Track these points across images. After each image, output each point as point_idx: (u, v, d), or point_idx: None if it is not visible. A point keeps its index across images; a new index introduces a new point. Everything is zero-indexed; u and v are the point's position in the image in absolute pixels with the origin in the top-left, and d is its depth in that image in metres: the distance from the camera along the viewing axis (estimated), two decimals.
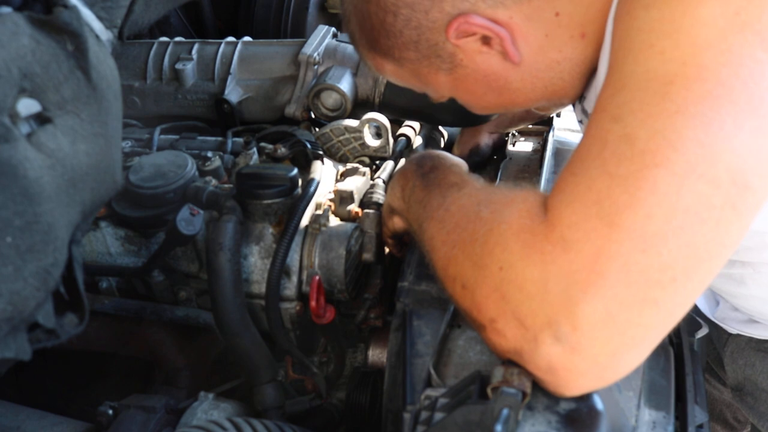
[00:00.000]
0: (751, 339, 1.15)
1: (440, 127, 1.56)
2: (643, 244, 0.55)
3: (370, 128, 1.30)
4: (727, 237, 0.57)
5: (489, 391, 0.62)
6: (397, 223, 1.01)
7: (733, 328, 1.17)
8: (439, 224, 0.73)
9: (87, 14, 0.81)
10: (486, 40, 0.80)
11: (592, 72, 0.81)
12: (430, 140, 1.51)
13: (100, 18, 0.86)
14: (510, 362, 0.65)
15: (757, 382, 1.16)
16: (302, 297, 1.10)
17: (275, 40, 1.51)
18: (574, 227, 0.58)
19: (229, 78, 1.43)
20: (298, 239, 1.09)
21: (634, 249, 0.55)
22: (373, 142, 1.31)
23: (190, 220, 1.01)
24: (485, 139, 1.42)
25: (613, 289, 0.55)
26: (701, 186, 0.55)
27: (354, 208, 1.15)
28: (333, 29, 1.49)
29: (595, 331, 0.56)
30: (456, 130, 1.57)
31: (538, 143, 1.43)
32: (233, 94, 1.43)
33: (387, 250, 1.17)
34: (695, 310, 1.29)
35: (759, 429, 1.24)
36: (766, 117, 0.56)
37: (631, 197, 0.56)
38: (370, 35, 0.87)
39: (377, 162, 1.32)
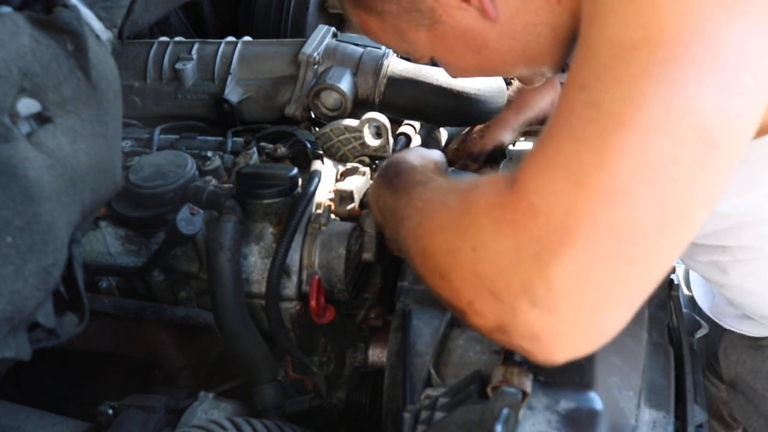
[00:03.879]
0: (743, 336, 1.15)
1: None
2: (612, 200, 0.55)
3: (370, 128, 1.30)
4: (698, 194, 0.57)
5: (489, 390, 0.62)
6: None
7: (726, 324, 1.17)
8: (408, 222, 0.73)
9: (87, 14, 0.81)
10: None
11: (574, 42, 0.82)
12: (430, 139, 1.51)
13: (100, 18, 0.86)
14: (510, 362, 0.65)
15: (747, 380, 1.17)
16: (302, 297, 1.10)
17: (275, 40, 1.51)
18: (542, 191, 0.58)
19: (229, 78, 1.43)
20: (298, 239, 1.09)
21: (603, 205, 0.55)
22: (373, 141, 1.31)
23: (190, 220, 1.01)
24: (509, 135, 1.43)
25: (584, 246, 0.56)
26: (667, 144, 0.55)
27: (354, 207, 1.15)
28: (333, 29, 1.49)
29: (570, 290, 0.56)
30: (456, 129, 1.57)
31: None
32: (233, 94, 1.43)
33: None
34: (695, 309, 1.29)
35: (746, 428, 1.24)
36: (729, 76, 0.57)
37: (598, 157, 0.56)
38: None
39: (377, 162, 1.32)
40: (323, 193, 1.17)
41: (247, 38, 1.51)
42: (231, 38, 1.53)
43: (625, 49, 0.58)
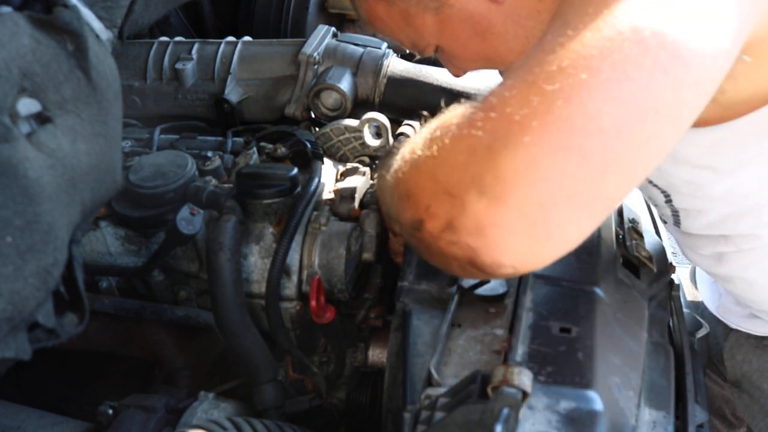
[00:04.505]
0: (750, 335, 1.15)
1: None
2: (567, 93, 0.55)
3: (370, 128, 1.30)
4: (659, 102, 0.57)
5: (489, 390, 0.62)
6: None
7: (732, 323, 1.17)
8: (387, 176, 0.72)
9: (87, 14, 0.81)
10: None
11: None
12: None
13: (100, 18, 0.86)
14: (510, 362, 0.65)
15: (753, 380, 1.17)
16: (302, 297, 1.10)
17: (275, 40, 1.51)
18: (501, 94, 0.58)
19: (229, 78, 1.43)
20: (298, 239, 1.09)
21: (557, 98, 0.55)
22: (373, 141, 1.31)
23: (190, 220, 1.01)
24: None
25: (536, 135, 0.55)
26: (628, 46, 0.56)
27: (354, 207, 1.15)
28: (333, 29, 1.49)
29: (517, 178, 0.56)
30: None
31: None
32: (233, 93, 1.43)
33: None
34: (696, 309, 1.30)
35: (751, 428, 1.24)
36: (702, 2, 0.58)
37: (558, 59, 0.57)
38: None
39: (377, 162, 1.32)
40: (323, 193, 1.17)
41: (247, 38, 1.51)
42: (231, 38, 1.53)
43: None
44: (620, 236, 1.04)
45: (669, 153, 0.62)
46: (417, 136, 0.66)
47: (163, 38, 1.55)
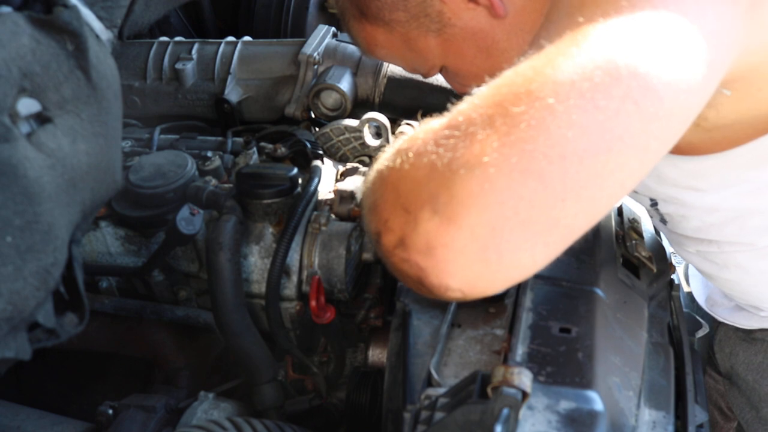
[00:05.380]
0: (737, 329, 1.16)
1: None
2: (531, 118, 0.54)
3: (369, 128, 1.30)
4: (627, 133, 0.55)
5: (489, 390, 0.62)
6: None
7: (719, 316, 1.18)
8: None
9: (87, 14, 0.81)
10: None
11: None
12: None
13: (100, 18, 0.86)
14: (510, 362, 0.65)
15: (739, 372, 1.18)
16: (302, 297, 1.10)
17: (275, 40, 1.51)
18: (470, 112, 0.57)
19: (229, 78, 1.43)
20: (298, 239, 1.09)
21: (521, 120, 0.54)
22: (373, 141, 1.31)
23: (190, 220, 1.01)
24: None
25: (494, 156, 0.53)
26: (600, 75, 0.55)
27: (354, 207, 1.15)
28: (333, 29, 1.49)
29: (472, 198, 0.54)
30: None
31: None
32: (233, 93, 1.43)
33: None
34: (696, 309, 1.30)
35: (740, 422, 1.25)
36: (678, 30, 0.58)
37: (527, 79, 0.56)
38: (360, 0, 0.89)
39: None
40: (323, 193, 1.17)
41: (247, 38, 1.51)
42: (231, 38, 1.53)
43: (576, 7, 0.60)
44: (620, 236, 1.04)
45: (652, 173, 0.61)
46: (389, 148, 0.65)
47: (163, 38, 1.55)
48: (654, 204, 0.98)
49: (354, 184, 1.17)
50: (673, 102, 0.57)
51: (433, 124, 0.60)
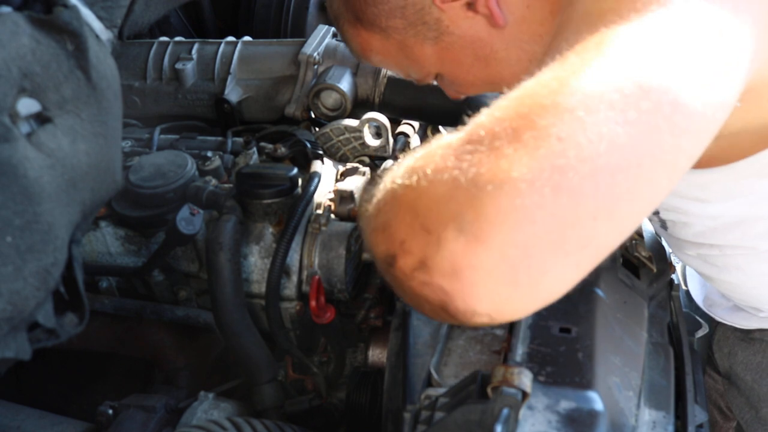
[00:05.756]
0: (735, 329, 1.16)
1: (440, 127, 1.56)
2: (561, 131, 0.51)
3: (369, 128, 1.30)
4: (658, 149, 0.54)
5: (489, 390, 0.62)
6: None
7: (718, 317, 1.18)
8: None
9: (87, 14, 0.81)
10: (471, 6, 0.81)
11: None
12: (428, 138, 1.51)
13: (100, 18, 0.86)
14: (510, 362, 0.65)
15: (738, 372, 1.18)
16: (302, 297, 1.10)
17: (275, 40, 1.51)
18: (494, 126, 0.54)
19: (229, 78, 1.43)
20: (298, 239, 1.09)
21: (550, 134, 0.51)
22: (373, 141, 1.31)
23: (190, 220, 1.01)
24: None
25: (524, 171, 0.51)
26: (630, 87, 0.53)
27: (354, 207, 1.15)
28: (333, 29, 1.49)
29: (501, 216, 0.50)
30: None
31: None
32: (233, 93, 1.43)
33: None
34: (695, 309, 1.30)
35: (739, 422, 1.25)
36: (698, 36, 0.56)
37: (553, 92, 0.54)
38: (356, 5, 0.88)
39: (377, 162, 1.32)
40: (323, 193, 1.17)
41: (247, 38, 1.51)
42: (231, 38, 1.53)
43: (595, 16, 0.58)
44: None
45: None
46: (399, 164, 0.61)
47: (163, 38, 1.55)
48: (655, 212, 0.98)
49: (354, 184, 1.17)
50: (702, 116, 0.56)
51: (450, 139, 0.57)
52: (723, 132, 0.76)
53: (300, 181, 1.12)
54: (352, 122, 1.30)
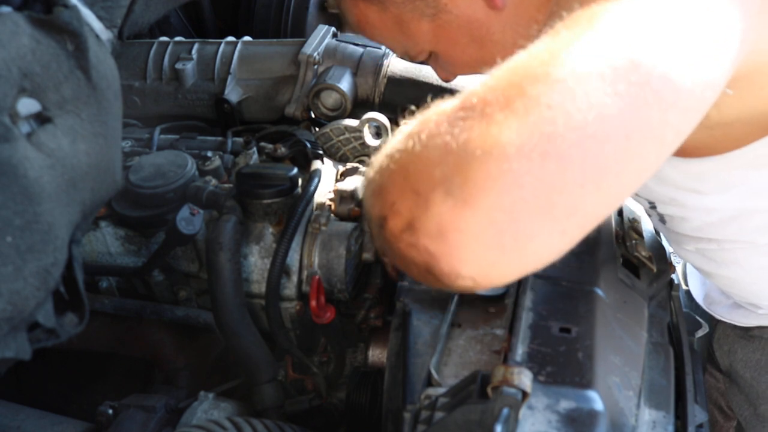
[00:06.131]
0: (735, 326, 1.16)
1: None
2: (551, 100, 0.52)
3: (369, 128, 1.30)
4: (646, 122, 0.54)
5: (489, 390, 0.62)
6: None
7: (717, 314, 1.18)
8: (369, 172, 0.66)
9: (87, 14, 0.81)
10: None
11: None
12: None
13: (100, 18, 0.86)
14: (510, 362, 0.65)
15: (738, 370, 1.18)
16: (302, 297, 1.10)
17: (275, 40, 1.51)
18: (486, 94, 0.55)
19: (229, 78, 1.43)
20: (298, 239, 1.09)
21: (541, 102, 0.52)
22: (373, 141, 1.31)
23: (190, 220, 1.01)
24: None
25: (513, 137, 0.51)
26: (621, 62, 0.54)
27: (354, 207, 1.15)
28: (333, 29, 1.49)
29: (489, 180, 0.51)
30: None
31: None
32: (233, 93, 1.43)
33: None
34: (695, 308, 1.30)
35: (739, 420, 1.25)
36: (691, 15, 0.57)
37: (545, 63, 0.54)
38: None
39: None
40: (323, 193, 1.17)
41: (247, 38, 1.51)
42: (231, 38, 1.53)
43: None
44: (620, 236, 1.04)
45: (653, 174, 0.60)
46: (398, 132, 0.62)
47: (163, 38, 1.55)
48: (653, 206, 0.98)
49: (354, 184, 1.17)
50: (690, 93, 0.56)
51: (445, 106, 0.58)
52: (717, 121, 0.77)
53: (300, 181, 1.12)
54: (352, 122, 1.30)
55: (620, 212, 1.11)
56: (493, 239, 0.53)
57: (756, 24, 0.62)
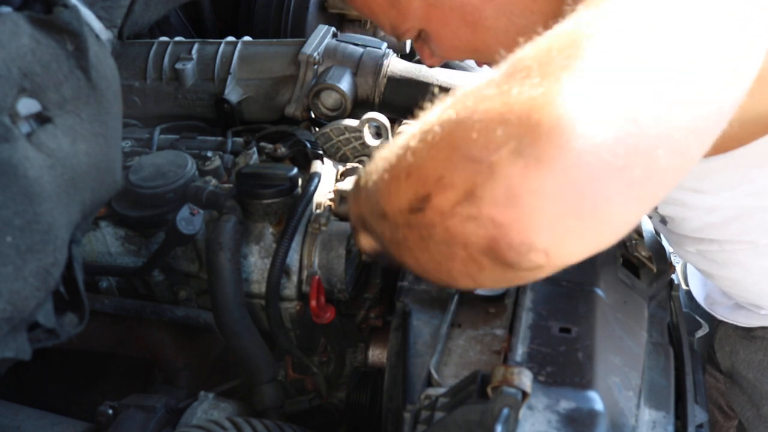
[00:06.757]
0: (737, 327, 1.16)
1: None
2: (619, 59, 0.48)
3: (369, 128, 1.30)
4: (713, 96, 0.51)
5: (489, 390, 0.62)
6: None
7: (719, 315, 1.18)
8: (369, 171, 0.59)
9: (87, 14, 0.81)
10: None
11: None
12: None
13: (100, 18, 0.86)
14: (510, 362, 0.65)
15: (740, 370, 1.18)
16: (302, 297, 1.10)
17: (275, 40, 1.51)
18: (535, 55, 0.50)
19: (229, 78, 1.43)
20: (298, 239, 1.09)
21: (607, 63, 0.48)
22: (373, 141, 1.31)
23: (189, 220, 1.01)
24: None
25: (590, 93, 0.47)
26: (683, 44, 0.50)
27: None
28: (333, 29, 1.49)
29: (566, 136, 0.45)
30: None
31: None
32: (233, 93, 1.43)
33: None
34: (695, 308, 1.30)
35: (741, 420, 1.25)
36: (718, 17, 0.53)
37: (590, 27, 0.50)
38: None
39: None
40: (323, 193, 1.17)
41: (247, 38, 1.52)
42: (231, 38, 1.53)
43: None
44: None
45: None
46: (404, 133, 0.56)
47: (163, 38, 1.55)
48: (654, 207, 0.98)
49: None
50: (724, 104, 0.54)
51: (487, 77, 0.52)
52: None
53: (300, 181, 1.12)
54: (352, 122, 1.30)
55: None
56: (571, 203, 0.47)
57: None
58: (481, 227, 0.48)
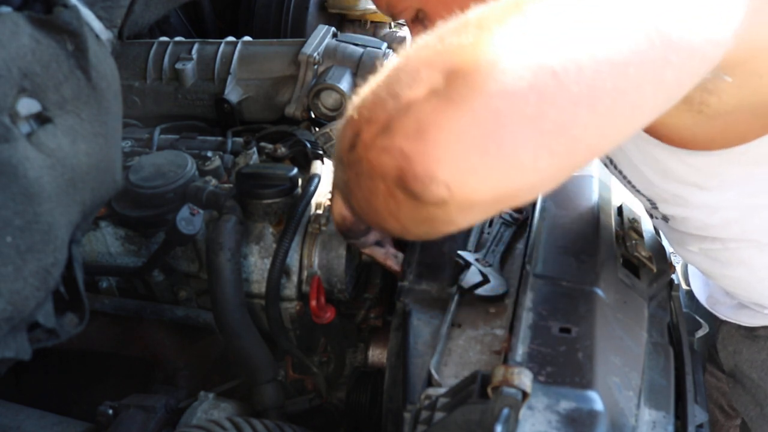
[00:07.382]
0: (740, 326, 1.16)
1: None
2: (552, 18, 0.51)
3: None
4: (645, 57, 0.52)
5: (489, 390, 0.62)
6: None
7: (722, 315, 1.18)
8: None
9: (87, 14, 0.81)
10: None
11: None
12: None
13: (100, 18, 0.86)
14: (510, 362, 0.65)
15: (744, 370, 1.18)
16: (302, 297, 1.10)
17: (275, 40, 1.51)
18: (476, 15, 0.53)
19: (229, 78, 1.43)
20: (298, 239, 1.09)
21: (535, 20, 0.50)
22: None
23: (190, 220, 1.01)
24: None
25: (509, 44, 0.49)
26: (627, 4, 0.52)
27: None
28: (333, 29, 1.49)
29: (479, 80, 0.48)
30: None
31: None
32: (233, 93, 1.43)
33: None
34: (696, 308, 1.30)
35: (744, 419, 1.25)
36: None
37: None
38: None
39: None
40: (323, 193, 1.17)
41: (247, 38, 1.52)
42: (231, 38, 1.53)
43: None
44: (620, 236, 1.04)
45: (657, 168, 0.59)
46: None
47: (163, 38, 1.55)
48: (654, 206, 0.98)
49: None
50: (693, 42, 0.54)
51: (435, 32, 0.55)
52: (717, 109, 0.76)
53: (300, 181, 1.12)
54: None
55: (620, 212, 1.11)
56: (476, 141, 0.49)
57: (753, 9, 0.62)
58: (392, 158, 0.51)
